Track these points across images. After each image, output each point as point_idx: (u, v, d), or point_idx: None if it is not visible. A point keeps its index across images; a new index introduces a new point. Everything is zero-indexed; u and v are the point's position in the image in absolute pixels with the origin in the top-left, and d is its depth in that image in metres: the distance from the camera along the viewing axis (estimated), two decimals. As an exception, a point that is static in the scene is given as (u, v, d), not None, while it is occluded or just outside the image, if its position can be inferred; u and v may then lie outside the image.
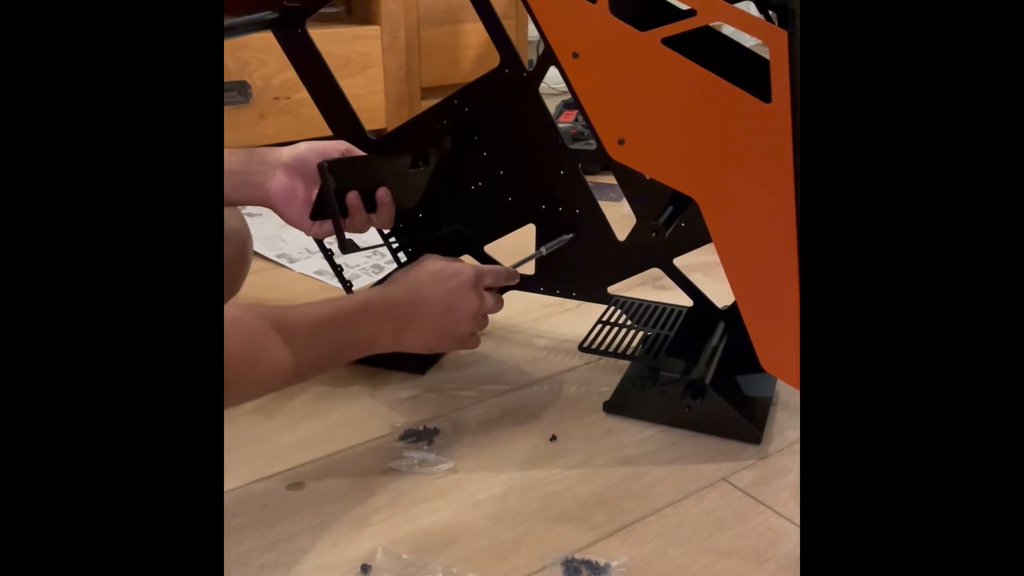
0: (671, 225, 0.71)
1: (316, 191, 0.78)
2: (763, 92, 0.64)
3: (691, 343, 0.84)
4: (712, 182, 0.67)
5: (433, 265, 0.78)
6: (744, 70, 0.67)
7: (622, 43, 0.65)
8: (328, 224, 0.78)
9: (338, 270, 0.92)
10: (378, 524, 0.66)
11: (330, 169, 0.74)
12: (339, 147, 0.81)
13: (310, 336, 0.67)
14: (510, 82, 0.84)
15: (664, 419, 0.78)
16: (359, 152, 0.83)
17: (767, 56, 0.62)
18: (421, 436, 0.76)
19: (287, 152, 0.80)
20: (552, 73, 0.81)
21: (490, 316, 0.80)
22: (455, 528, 0.66)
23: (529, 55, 1.96)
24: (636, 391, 0.81)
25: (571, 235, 0.86)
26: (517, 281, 0.83)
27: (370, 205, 0.80)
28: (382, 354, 0.75)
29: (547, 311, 1.01)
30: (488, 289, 0.79)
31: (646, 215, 0.84)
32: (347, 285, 0.93)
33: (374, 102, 1.57)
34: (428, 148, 0.83)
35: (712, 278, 1.07)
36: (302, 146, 0.81)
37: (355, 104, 0.91)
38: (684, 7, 0.67)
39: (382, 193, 0.79)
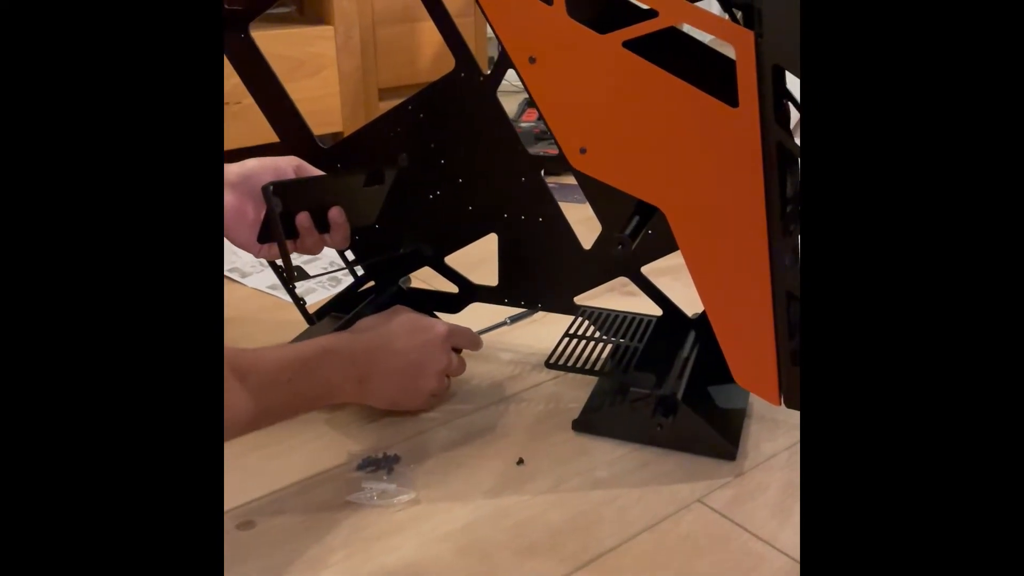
0: (637, 237, 0.68)
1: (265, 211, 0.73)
2: (730, 95, 0.61)
3: (661, 354, 0.81)
4: (678, 191, 0.64)
5: (404, 317, 0.75)
6: (710, 72, 0.64)
7: (581, 47, 0.62)
8: (277, 246, 0.74)
9: (291, 288, 0.87)
10: (336, 564, 0.62)
11: (275, 191, 0.70)
12: (291, 162, 0.77)
13: (270, 382, 0.63)
14: (466, 86, 0.80)
15: (635, 437, 0.75)
16: (311, 167, 0.78)
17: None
18: (380, 465, 0.72)
19: (234, 169, 0.75)
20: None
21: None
22: (419, 565, 0.62)
23: (489, 52, 1.92)
24: (606, 408, 0.78)
25: (539, 308, 0.87)
26: (480, 348, 0.83)
27: (323, 225, 0.75)
28: None
29: (512, 323, 0.98)
30: (454, 350, 0.77)
31: (611, 225, 0.81)
32: (300, 303, 0.88)
33: (329, 105, 1.52)
34: (383, 164, 0.79)
35: (680, 282, 1.04)
36: (251, 162, 0.76)
37: (309, 107, 0.87)
38: (645, 7, 0.64)
39: (335, 213, 0.75)
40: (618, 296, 1.01)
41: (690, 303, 0.85)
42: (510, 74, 0.82)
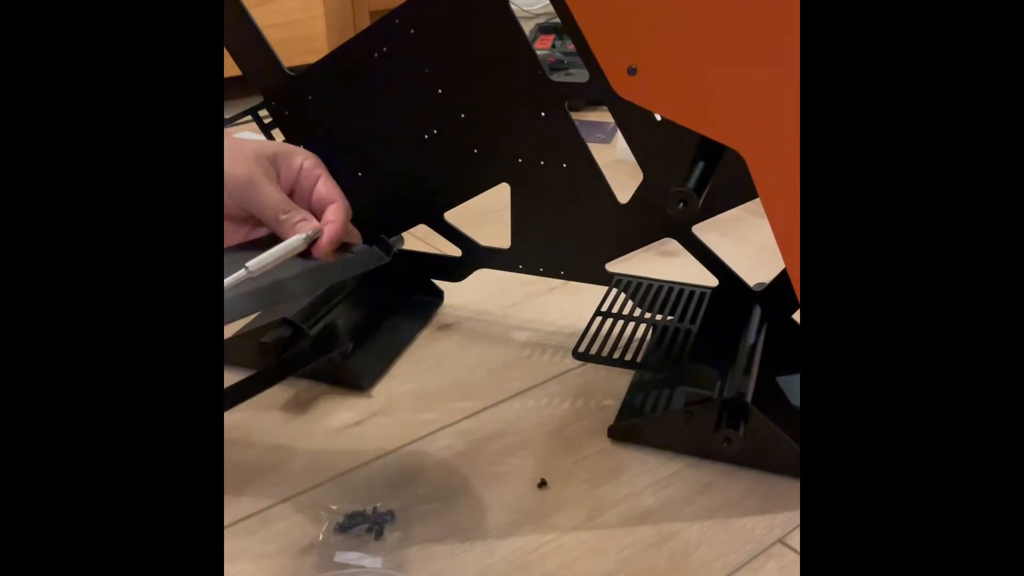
0: (704, 190, 0.50)
1: None
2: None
3: (721, 339, 0.63)
4: (765, 125, 0.46)
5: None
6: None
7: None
8: None
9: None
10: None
11: None
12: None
13: None
14: (469, -9, 0.62)
15: (691, 449, 0.58)
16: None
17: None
18: (368, 521, 0.53)
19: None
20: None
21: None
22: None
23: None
24: (651, 409, 0.61)
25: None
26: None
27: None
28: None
29: (528, 291, 0.80)
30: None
31: (658, 173, 0.63)
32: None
33: (313, 29, 1.32)
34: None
35: (731, 239, 0.87)
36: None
37: (291, 33, 0.70)
38: None
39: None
40: (655, 256, 0.83)
41: (748, 267, 0.68)
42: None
